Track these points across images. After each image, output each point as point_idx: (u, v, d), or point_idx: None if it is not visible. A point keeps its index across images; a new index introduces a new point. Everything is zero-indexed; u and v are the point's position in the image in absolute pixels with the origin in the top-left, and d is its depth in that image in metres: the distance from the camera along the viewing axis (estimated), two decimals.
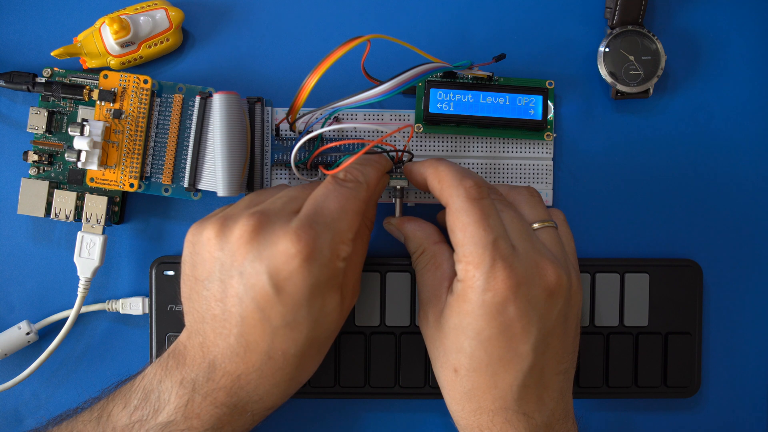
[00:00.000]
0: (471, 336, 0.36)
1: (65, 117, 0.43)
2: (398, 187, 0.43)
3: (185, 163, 0.42)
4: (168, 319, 0.43)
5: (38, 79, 0.42)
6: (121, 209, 0.44)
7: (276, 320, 0.35)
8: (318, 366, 0.38)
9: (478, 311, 0.36)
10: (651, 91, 0.45)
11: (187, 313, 0.38)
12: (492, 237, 0.36)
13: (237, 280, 0.35)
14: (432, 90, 0.43)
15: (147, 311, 0.44)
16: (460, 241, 0.37)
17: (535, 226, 0.39)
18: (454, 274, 0.38)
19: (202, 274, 0.36)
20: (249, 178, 0.43)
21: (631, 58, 0.44)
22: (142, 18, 0.43)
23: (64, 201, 0.42)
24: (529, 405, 0.37)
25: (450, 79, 0.44)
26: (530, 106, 0.44)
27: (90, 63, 0.43)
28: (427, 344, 0.40)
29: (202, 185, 0.42)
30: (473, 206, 0.37)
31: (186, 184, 0.42)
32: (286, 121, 0.43)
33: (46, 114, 0.42)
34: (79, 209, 0.42)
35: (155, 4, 0.43)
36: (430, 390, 0.44)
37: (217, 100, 0.41)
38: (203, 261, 0.36)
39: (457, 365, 0.37)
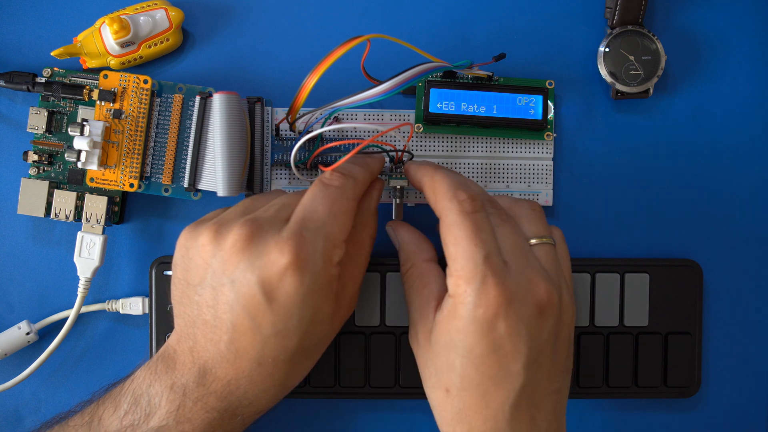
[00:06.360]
0: (462, 354, 0.35)
1: (65, 117, 0.43)
2: (398, 187, 0.43)
3: (185, 163, 0.42)
4: (168, 319, 0.43)
5: (38, 79, 0.42)
6: (121, 209, 0.44)
7: (266, 328, 0.35)
8: (308, 372, 0.38)
9: (469, 328, 0.35)
10: (651, 91, 0.45)
11: (177, 316, 0.38)
12: (484, 252, 0.35)
13: (228, 287, 0.35)
14: (432, 90, 0.43)
15: (147, 311, 0.44)
16: (452, 255, 0.36)
17: (533, 241, 0.38)
18: (443, 293, 0.37)
19: (195, 279, 0.36)
20: (249, 178, 0.43)
21: (631, 58, 0.44)
22: (142, 18, 0.43)
23: (64, 201, 0.42)
24: (522, 426, 0.36)
25: (450, 79, 0.44)
26: (530, 106, 0.44)
27: (90, 63, 0.43)
28: (418, 364, 0.39)
29: (202, 185, 0.42)
30: (466, 220, 0.36)
31: (186, 184, 0.42)
32: (286, 121, 0.43)
33: (46, 114, 0.42)
34: (79, 209, 0.42)
35: (155, 4, 0.43)
36: None
37: (217, 100, 0.41)
38: (196, 266, 0.36)
39: (448, 385, 0.36)
